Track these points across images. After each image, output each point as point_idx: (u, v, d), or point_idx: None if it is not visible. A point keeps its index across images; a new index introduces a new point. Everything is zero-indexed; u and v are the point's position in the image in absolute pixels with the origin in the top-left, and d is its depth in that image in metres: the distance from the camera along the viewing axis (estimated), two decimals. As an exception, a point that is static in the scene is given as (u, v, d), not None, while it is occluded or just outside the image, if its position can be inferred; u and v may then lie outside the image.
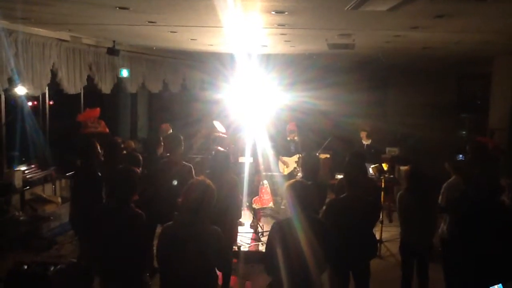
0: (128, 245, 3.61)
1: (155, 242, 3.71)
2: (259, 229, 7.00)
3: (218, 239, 3.45)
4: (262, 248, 6.39)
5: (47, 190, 7.54)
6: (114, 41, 7.98)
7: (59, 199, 7.41)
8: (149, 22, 5.85)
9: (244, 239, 6.90)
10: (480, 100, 11.38)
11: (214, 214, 3.54)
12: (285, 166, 8.70)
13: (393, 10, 4.57)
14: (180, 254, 3.38)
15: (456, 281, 4.47)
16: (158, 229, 5.15)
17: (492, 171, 5.37)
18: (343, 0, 4.33)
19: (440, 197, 4.99)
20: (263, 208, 7.33)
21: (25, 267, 5.48)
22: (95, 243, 3.90)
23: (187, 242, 3.36)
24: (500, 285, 3.30)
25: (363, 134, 9.30)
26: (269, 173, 7.44)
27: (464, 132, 11.77)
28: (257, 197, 7.21)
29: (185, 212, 3.43)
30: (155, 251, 3.64)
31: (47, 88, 7.20)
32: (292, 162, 8.70)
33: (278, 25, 5.98)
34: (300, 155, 8.38)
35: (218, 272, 3.70)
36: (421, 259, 4.96)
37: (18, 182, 6.79)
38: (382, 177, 6.83)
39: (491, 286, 3.31)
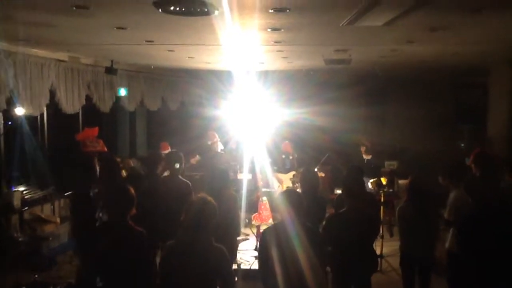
0: (128, 262, 3.59)
1: (157, 260, 3.70)
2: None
3: (221, 257, 3.45)
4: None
5: (46, 210, 7.51)
6: (112, 61, 8.03)
7: (58, 219, 7.37)
8: (146, 41, 5.91)
9: (244, 256, 6.86)
10: (478, 110, 11.41)
11: (214, 231, 3.54)
12: (279, 183, 8.68)
13: (388, 25, 4.63)
14: (183, 271, 3.37)
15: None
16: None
17: (495, 180, 5.33)
18: (339, 16, 4.38)
19: (446, 211, 4.94)
20: (263, 224, 7.29)
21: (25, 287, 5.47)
22: (95, 261, 3.88)
23: (190, 260, 3.35)
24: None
25: (362, 149, 9.31)
26: (268, 190, 7.42)
27: (462, 144, 11.78)
28: (256, 213, 7.18)
29: (187, 230, 3.43)
30: (157, 268, 3.62)
31: (45, 108, 7.22)
32: (286, 179, 8.68)
33: (275, 42, 6.03)
34: (295, 172, 8.39)
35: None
36: (422, 272, 4.92)
37: (17, 202, 6.77)
38: (381, 191, 6.82)
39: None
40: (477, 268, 3.81)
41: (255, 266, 6.47)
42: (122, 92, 8.83)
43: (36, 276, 6.20)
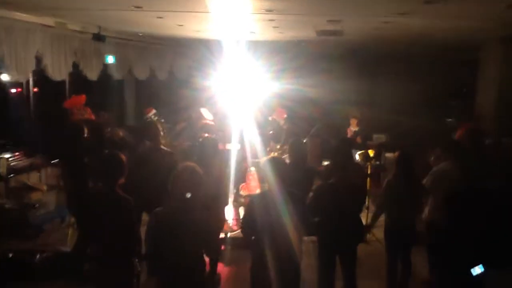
0: (116, 229, 3.60)
1: (143, 229, 3.70)
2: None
3: (207, 224, 3.47)
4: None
5: (32, 178, 7.46)
6: (99, 27, 7.86)
7: (45, 187, 7.34)
8: (135, 7, 5.77)
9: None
10: (468, 87, 11.44)
11: (202, 201, 3.55)
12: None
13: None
14: (171, 239, 3.40)
15: (439, 264, 4.52)
16: (144, 216, 5.16)
17: (481, 156, 5.41)
18: (331, -15, 4.31)
19: (427, 179, 5.02)
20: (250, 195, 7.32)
21: (11, 255, 5.48)
22: (85, 228, 3.89)
23: (178, 227, 3.38)
24: (480, 265, 3.35)
25: (353, 121, 9.34)
26: (256, 160, 7.43)
27: (451, 119, 11.85)
28: (244, 183, 7.20)
29: (174, 198, 3.43)
30: (144, 237, 3.63)
31: (31, 74, 7.09)
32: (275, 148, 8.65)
33: (266, 11, 5.93)
34: (281, 144, 8.37)
35: (206, 258, 3.71)
36: (404, 244, 5.01)
37: (2, 169, 6.72)
38: (368, 163, 6.87)
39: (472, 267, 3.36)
40: (460, 238, 3.88)
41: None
42: (110, 59, 8.68)
43: (23, 243, 6.22)
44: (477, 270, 3.37)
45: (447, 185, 4.60)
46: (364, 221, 6.21)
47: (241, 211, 7.21)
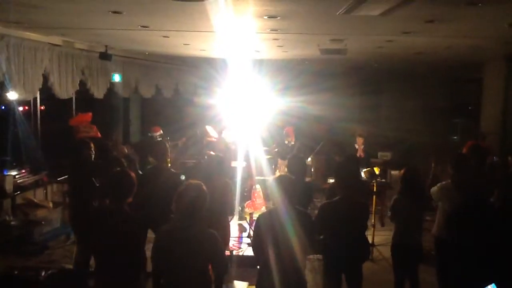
0: (122, 247, 3.60)
1: (148, 246, 3.70)
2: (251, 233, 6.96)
3: (214, 242, 3.47)
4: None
5: (38, 195, 7.50)
6: (106, 46, 7.96)
7: (51, 204, 7.37)
8: (141, 26, 5.86)
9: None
10: (472, 105, 11.47)
11: (207, 218, 3.55)
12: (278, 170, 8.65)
13: (385, 15, 4.62)
14: (176, 256, 3.39)
15: (448, 283, 4.49)
16: (149, 234, 5.16)
17: (485, 173, 5.41)
18: (336, 5, 4.36)
19: (434, 191, 5.01)
20: (256, 212, 7.30)
21: (17, 272, 5.47)
22: (90, 244, 3.89)
23: (183, 245, 3.37)
24: (493, 285, 3.31)
25: (359, 140, 9.36)
26: (262, 178, 7.43)
27: (455, 137, 11.85)
28: (249, 201, 7.19)
29: (180, 215, 3.44)
30: (150, 254, 3.63)
31: (38, 92, 7.17)
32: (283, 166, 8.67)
33: (271, 30, 6.01)
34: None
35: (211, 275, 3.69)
36: (411, 261, 4.98)
37: (9, 187, 6.75)
38: (374, 181, 6.86)
39: (484, 287, 3.32)
40: (468, 255, 3.86)
41: (248, 253, 6.51)
42: (116, 78, 8.78)
43: (28, 260, 6.21)
44: None
45: (453, 201, 4.60)
46: (369, 239, 6.20)
47: (246, 228, 7.20)
